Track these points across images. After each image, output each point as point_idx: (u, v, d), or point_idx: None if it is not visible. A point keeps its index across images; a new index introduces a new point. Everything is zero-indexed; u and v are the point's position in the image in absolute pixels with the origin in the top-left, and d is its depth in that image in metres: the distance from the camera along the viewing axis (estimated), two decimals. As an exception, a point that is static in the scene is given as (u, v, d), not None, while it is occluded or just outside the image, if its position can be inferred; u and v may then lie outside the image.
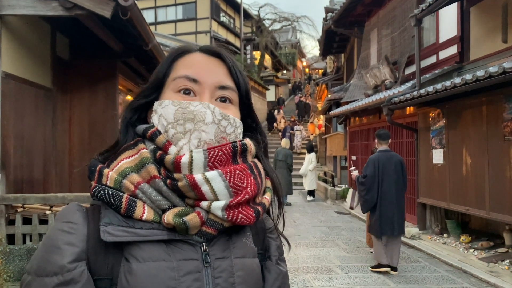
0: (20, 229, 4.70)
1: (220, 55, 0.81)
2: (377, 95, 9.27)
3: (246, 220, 0.74)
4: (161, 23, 21.82)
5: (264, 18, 26.49)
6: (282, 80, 33.72)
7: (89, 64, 6.29)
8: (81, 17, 4.59)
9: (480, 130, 5.83)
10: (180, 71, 0.79)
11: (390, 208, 5.20)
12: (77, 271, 0.67)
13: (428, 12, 6.91)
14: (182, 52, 0.82)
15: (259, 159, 0.84)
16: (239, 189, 0.73)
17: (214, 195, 0.71)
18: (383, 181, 5.22)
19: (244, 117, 0.84)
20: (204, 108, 0.74)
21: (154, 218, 0.72)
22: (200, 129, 0.73)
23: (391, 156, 5.34)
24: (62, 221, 0.72)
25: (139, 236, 0.70)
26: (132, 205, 0.71)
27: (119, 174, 0.73)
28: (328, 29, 13.40)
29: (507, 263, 5.37)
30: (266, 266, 0.84)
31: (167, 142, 0.74)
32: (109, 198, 0.71)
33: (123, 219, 0.71)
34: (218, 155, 0.72)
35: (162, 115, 0.76)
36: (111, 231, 0.69)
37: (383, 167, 5.24)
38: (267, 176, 0.84)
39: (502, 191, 5.33)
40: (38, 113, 5.54)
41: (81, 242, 0.70)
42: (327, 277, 5.17)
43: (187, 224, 0.70)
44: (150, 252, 0.69)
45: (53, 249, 0.68)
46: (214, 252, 0.74)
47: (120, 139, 0.81)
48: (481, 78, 4.93)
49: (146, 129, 0.77)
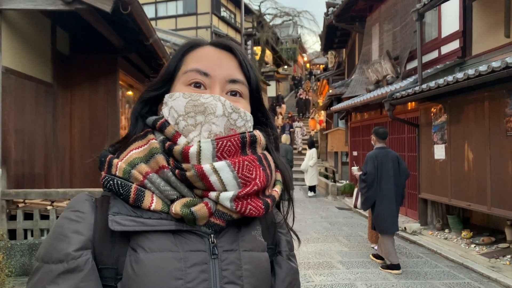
0: (22, 225, 4.71)
1: (231, 49, 0.81)
2: (379, 90, 9.24)
3: (255, 211, 0.73)
4: (161, 18, 21.73)
5: (265, 13, 26.40)
6: (283, 76, 33.62)
7: (90, 59, 6.27)
8: (81, 11, 4.56)
9: (482, 126, 5.81)
10: (190, 65, 0.79)
11: (392, 205, 5.24)
12: (82, 259, 0.68)
13: (430, 6, 6.87)
14: (193, 46, 0.82)
15: (269, 152, 0.83)
16: (248, 180, 0.72)
17: (222, 185, 0.71)
18: (382, 177, 5.26)
19: (254, 110, 0.84)
20: (215, 101, 0.74)
21: (162, 208, 0.71)
22: (210, 122, 0.73)
23: (387, 152, 5.38)
24: (70, 210, 0.73)
25: (147, 226, 0.70)
26: (141, 195, 0.71)
27: (128, 164, 0.74)
28: (329, 24, 13.35)
29: (509, 259, 5.37)
30: (277, 261, 0.83)
31: (176, 133, 0.75)
32: (118, 188, 0.71)
33: (132, 209, 0.71)
34: (226, 145, 0.72)
35: (172, 107, 0.76)
36: (119, 221, 0.69)
37: (381, 164, 5.27)
38: (277, 169, 0.83)
39: (504, 186, 5.32)
40: (38, 108, 5.53)
41: (87, 231, 0.70)
42: (328, 272, 5.17)
43: (195, 214, 0.70)
44: (157, 243, 0.69)
45: (60, 237, 0.70)
46: (222, 244, 0.73)
47: (130, 131, 0.81)
48: (484, 73, 4.90)
49: (156, 120, 0.77)
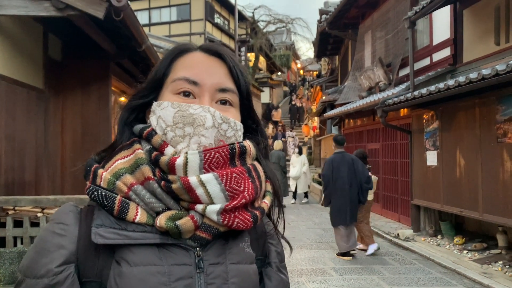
0: (11, 232, 4.64)
1: (221, 55, 0.79)
2: (371, 97, 9.29)
3: (243, 225, 0.71)
4: (155, 25, 21.75)
5: (258, 20, 26.52)
6: (277, 82, 33.73)
7: (82, 65, 6.23)
8: (73, 17, 4.54)
9: (473, 132, 5.85)
10: (179, 72, 0.76)
11: (343, 202, 5.96)
12: (63, 275, 0.66)
13: (422, 14, 6.94)
14: (182, 51, 0.79)
15: (258, 160, 0.81)
16: (236, 193, 0.70)
17: (209, 198, 0.69)
18: (337, 178, 6.01)
19: (244, 118, 0.82)
20: (204, 112, 0.72)
21: (147, 221, 0.70)
22: (200, 134, 0.71)
23: (343, 156, 6.20)
24: (54, 222, 0.72)
25: (131, 239, 0.68)
26: (125, 207, 0.69)
27: (112, 175, 0.72)
28: (323, 31, 13.44)
29: (501, 265, 5.39)
30: (266, 273, 0.81)
31: (164, 142, 0.72)
32: (102, 199, 0.70)
33: (116, 221, 0.69)
34: (214, 157, 0.70)
35: (160, 117, 0.73)
36: (102, 233, 0.67)
37: (338, 166, 6.06)
38: (267, 179, 0.81)
39: (495, 192, 5.35)
40: (30, 115, 5.48)
41: (71, 244, 0.69)
42: (322, 279, 5.16)
43: (180, 228, 0.68)
44: (141, 256, 0.67)
45: (43, 252, 0.68)
46: (208, 258, 0.71)
47: (116, 139, 0.79)
48: (474, 80, 4.95)
49: (142, 129, 0.75)
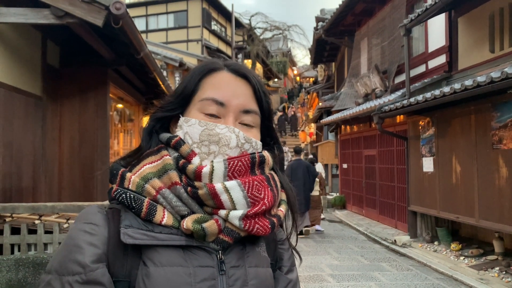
0: (8, 239, 4.62)
1: (247, 77, 0.83)
2: (368, 103, 9.35)
3: (262, 231, 0.75)
4: (152, 31, 21.80)
5: (255, 26, 26.64)
6: (274, 89, 33.81)
7: (80, 72, 6.24)
8: (72, 25, 4.56)
9: (469, 139, 5.90)
10: (207, 92, 0.80)
11: (299, 197, 7.61)
12: (99, 272, 0.68)
13: (417, 22, 7.02)
14: (211, 70, 0.83)
15: (275, 171, 0.86)
16: (257, 200, 0.75)
17: (232, 204, 0.73)
18: (294, 180, 7.27)
19: (263, 136, 0.86)
20: (230, 133, 0.76)
21: (173, 224, 0.73)
22: (224, 153, 0.76)
23: (299, 163, 8.38)
24: (83, 222, 0.73)
25: (158, 240, 0.71)
26: (153, 210, 0.73)
27: (141, 178, 0.75)
28: (319, 38, 13.53)
29: (497, 271, 5.42)
30: (275, 276, 0.85)
31: (192, 151, 0.76)
32: (131, 202, 0.73)
33: (143, 222, 0.72)
34: (237, 165, 0.75)
35: (187, 133, 0.78)
36: (131, 234, 0.70)
37: (295, 170, 8.00)
38: (282, 188, 0.86)
39: (491, 199, 5.39)
40: (27, 122, 5.48)
41: (102, 244, 0.71)
42: (319, 285, 5.16)
43: (206, 230, 0.72)
44: (167, 257, 0.71)
45: (75, 249, 0.69)
46: (229, 260, 0.75)
47: (143, 145, 0.83)
48: (470, 87, 5.01)
49: (170, 138, 0.79)
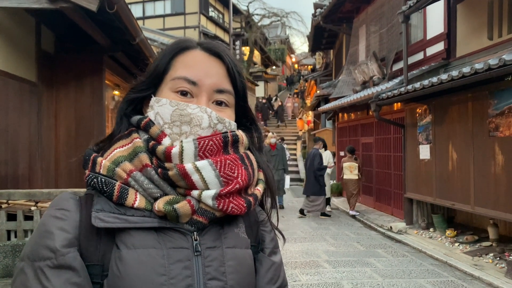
0: (5, 226, 4.63)
1: (221, 56, 0.81)
2: (365, 91, 9.32)
3: (237, 210, 0.74)
4: (149, 18, 21.59)
5: (253, 13, 26.46)
6: (271, 76, 33.70)
7: (75, 58, 6.19)
8: (66, 10, 4.50)
9: (465, 126, 5.90)
10: (179, 71, 0.78)
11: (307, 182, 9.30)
12: (70, 256, 0.68)
13: (416, 8, 6.96)
14: (182, 48, 0.81)
15: (251, 152, 0.84)
16: (230, 179, 0.74)
17: (204, 184, 0.72)
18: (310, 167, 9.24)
19: (239, 117, 0.85)
20: (202, 113, 0.75)
21: (145, 206, 0.72)
22: (196, 133, 0.74)
23: (311, 151, 9.59)
24: (55, 208, 0.73)
25: (130, 223, 0.71)
26: (124, 193, 0.72)
27: (112, 162, 0.75)
28: (317, 25, 13.42)
29: (491, 257, 5.47)
30: (258, 259, 0.84)
31: (162, 132, 0.75)
32: (102, 186, 0.72)
33: (115, 206, 0.72)
34: (208, 144, 0.73)
35: (158, 113, 0.76)
36: (102, 217, 0.70)
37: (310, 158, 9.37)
38: (260, 168, 0.85)
39: (487, 186, 5.42)
40: (23, 108, 5.45)
41: (73, 229, 0.70)
42: (315, 271, 5.20)
43: (178, 211, 0.71)
44: (140, 239, 0.70)
45: (46, 234, 0.69)
46: (204, 242, 0.74)
47: (114, 130, 0.82)
48: (467, 74, 4.99)
49: (140, 120, 0.78)
